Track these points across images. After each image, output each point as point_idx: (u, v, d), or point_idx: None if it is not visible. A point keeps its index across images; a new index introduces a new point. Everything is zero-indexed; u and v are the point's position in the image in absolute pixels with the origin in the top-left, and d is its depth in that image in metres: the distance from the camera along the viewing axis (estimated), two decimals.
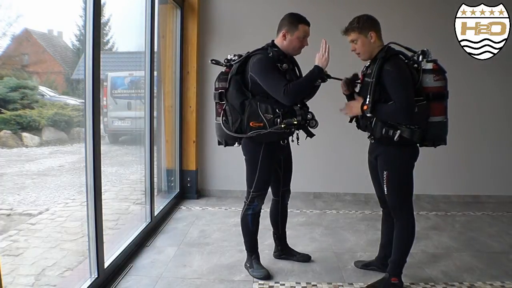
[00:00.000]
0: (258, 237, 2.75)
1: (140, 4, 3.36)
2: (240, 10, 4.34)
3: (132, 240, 2.99)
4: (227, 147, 2.64)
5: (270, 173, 2.57)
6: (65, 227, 3.91)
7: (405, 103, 2.18)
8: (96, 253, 2.38)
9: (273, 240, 2.90)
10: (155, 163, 3.65)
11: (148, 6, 3.33)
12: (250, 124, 2.38)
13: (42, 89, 9.57)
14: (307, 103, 2.59)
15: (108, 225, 3.65)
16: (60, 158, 7.14)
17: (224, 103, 2.51)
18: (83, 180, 2.36)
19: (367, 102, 2.26)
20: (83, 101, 2.34)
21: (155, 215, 3.53)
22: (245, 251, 2.74)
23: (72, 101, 9.54)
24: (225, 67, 2.53)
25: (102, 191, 2.43)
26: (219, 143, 2.65)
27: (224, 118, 2.50)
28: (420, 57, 2.24)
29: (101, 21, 2.46)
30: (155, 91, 3.60)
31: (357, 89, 2.50)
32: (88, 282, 2.34)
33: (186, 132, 4.39)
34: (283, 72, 2.40)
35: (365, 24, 2.31)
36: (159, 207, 3.75)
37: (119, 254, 2.74)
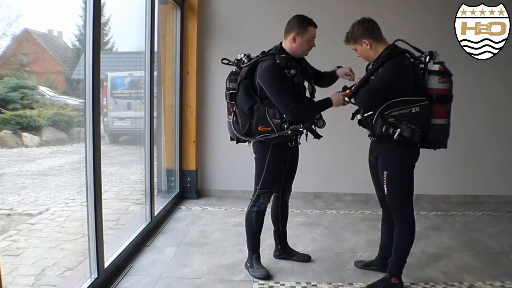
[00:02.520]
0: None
1: (140, 4, 3.36)
2: (240, 10, 4.34)
3: (132, 240, 2.99)
4: (232, 147, 2.66)
5: (277, 173, 2.59)
6: (65, 227, 3.91)
7: (370, 89, 2.23)
8: (96, 253, 2.38)
9: (274, 240, 2.90)
10: (155, 163, 3.64)
11: (148, 6, 3.33)
12: (259, 128, 2.44)
13: (42, 89, 9.58)
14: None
15: (108, 225, 3.65)
16: (60, 158, 7.14)
17: (234, 103, 2.55)
18: (83, 180, 2.36)
19: (352, 88, 2.31)
20: (83, 101, 2.34)
21: (155, 215, 3.53)
22: (246, 251, 2.74)
23: (72, 101, 9.54)
24: (235, 67, 2.57)
25: (102, 191, 2.43)
26: (231, 139, 2.68)
27: (235, 118, 2.55)
28: (427, 58, 2.24)
29: (101, 21, 2.45)
30: (155, 91, 3.60)
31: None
32: (88, 282, 2.34)
33: (186, 132, 4.39)
34: (291, 78, 2.41)
35: (357, 33, 2.33)
36: (159, 207, 3.75)
37: (119, 254, 2.74)
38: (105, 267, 2.49)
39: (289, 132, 2.39)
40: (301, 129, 2.41)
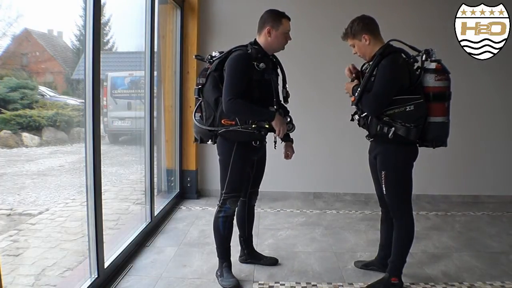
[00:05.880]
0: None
1: (140, 4, 3.36)
2: (240, 10, 4.34)
3: (132, 240, 2.99)
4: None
5: (242, 175, 2.48)
6: (65, 227, 3.91)
7: (376, 94, 2.20)
8: (96, 253, 2.39)
9: (239, 244, 2.81)
10: (155, 163, 3.64)
11: (148, 6, 3.33)
12: (222, 121, 2.36)
13: (42, 89, 9.56)
14: (288, 106, 2.57)
15: (108, 225, 3.65)
16: (60, 158, 7.14)
17: (200, 99, 2.48)
18: (83, 180, 2.36)
19: (355, 94, 2.28)
20: (83, 101, 2.34)
21: (155, 215, 3.53)
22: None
23: (72, 101, 9.53)
24: (208, 63, 2.49)
25: (102, 191, 2.43)
26: (195, 140, 2.62)
27: (199, 114, 2.48)
28: (424, 56, 2.23)
29: (101, 21, 2.45)
30: (155, 91, 3.60)
31: None
32: (88, 282, 2.34)
33: (186, 132, 4.39)
34: (259, 71, 2.34)
35: (357, 28, 2.33)
36: (159, 207, 3.75)
37: (119, 254, 2.74)
38: (105, 267, 2.49)
39: (253, 126, 2.32)
40: (266, 126, 2.33)
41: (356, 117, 2.44)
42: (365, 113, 2.35)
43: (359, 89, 2.29)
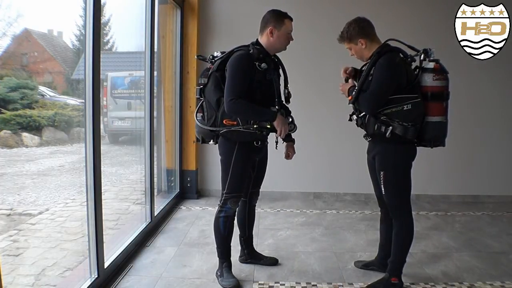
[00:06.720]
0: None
1: (140, 4, 3.36)
2: (240, 10, 4.34)
3: (132, 240, 2.99)
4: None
5: (244, 175, 2.48)
6: (65, 227, 3.91)
7: (373, 93, 2.21)
8: (96, 253, 2.39)
9: (239, 244, 2.80)
10: (155, 163, 3.64)
11: (148, 6, 3.33)
12: (224, 121, 2.35)
13: (42, 89, 9.57)
14: (289, 106, 2.56)
15: (108, 225, 3.65)
16: (60, 158, 7.14)
17: (202, 98, 2.48)
18: (83, 180, 2.36)
19: (353, 93, 2.29)
20: (83, 101, 2.34)
21: (155, 215, 3.53)
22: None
23: (72, 101, 9.53)
24: (210, 63, 2.50)
25: (102, 191, 2.43)
26: (197, 140, 2.62)
27: (201, 114, 2.48)
28: (422, 56, 2.23)
29: (101, 21, 2.45)
30: (155, 91, 3.60)
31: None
32: (88, 282, 2.34)
33: (186, 132, 4.39)
34: (261, 71, 2.33)
35: (353, 33, 2.34)
36: (159, 207, 3.75)
37: (119, 254, 2.74)
38: (105, 267, 2.49)
39: (254, 127, 2.32)
40: (268, 126, 2.33)
41: (354, 117, 2.44)
42: (363, 113, 2.35)
43: (356, 88, 2.30)
